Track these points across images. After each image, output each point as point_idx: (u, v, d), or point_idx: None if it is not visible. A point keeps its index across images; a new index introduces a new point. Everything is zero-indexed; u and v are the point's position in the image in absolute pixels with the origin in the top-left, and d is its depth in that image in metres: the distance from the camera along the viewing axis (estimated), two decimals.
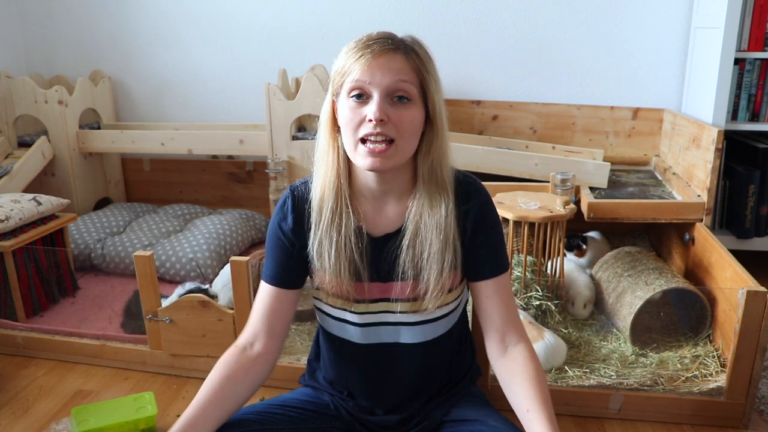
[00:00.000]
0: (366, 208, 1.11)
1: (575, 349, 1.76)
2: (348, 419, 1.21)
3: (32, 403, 1.66)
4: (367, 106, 1.00)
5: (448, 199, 1.07)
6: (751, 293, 1.42)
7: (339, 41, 1.02)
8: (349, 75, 1.01)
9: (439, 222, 1.06)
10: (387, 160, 1.01)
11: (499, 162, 2.35)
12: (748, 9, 2.20)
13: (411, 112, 1.01)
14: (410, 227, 1.07)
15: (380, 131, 0.99)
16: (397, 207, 1.11)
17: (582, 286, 1.96)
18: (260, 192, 3.01)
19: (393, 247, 1.09)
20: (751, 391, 1.50)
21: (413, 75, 1.01)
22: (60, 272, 2.19)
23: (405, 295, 1.10)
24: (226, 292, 1.94)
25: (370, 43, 1.00)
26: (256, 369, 1.11)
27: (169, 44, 3.00)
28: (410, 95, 1.01)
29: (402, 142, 1.01)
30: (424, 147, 1.06)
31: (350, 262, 1.08)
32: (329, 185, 1.08)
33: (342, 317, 1.15)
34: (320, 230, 1.08)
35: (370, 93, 1.00)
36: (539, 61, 2.73)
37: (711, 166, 2.04)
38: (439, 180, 1.07)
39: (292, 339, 1.85)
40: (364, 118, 1.00)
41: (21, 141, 2.74)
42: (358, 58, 1.00)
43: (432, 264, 1.07)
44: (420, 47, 1.04)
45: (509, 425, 1.10)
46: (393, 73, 0.99)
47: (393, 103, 1.00)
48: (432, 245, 1.06)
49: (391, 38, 1.02)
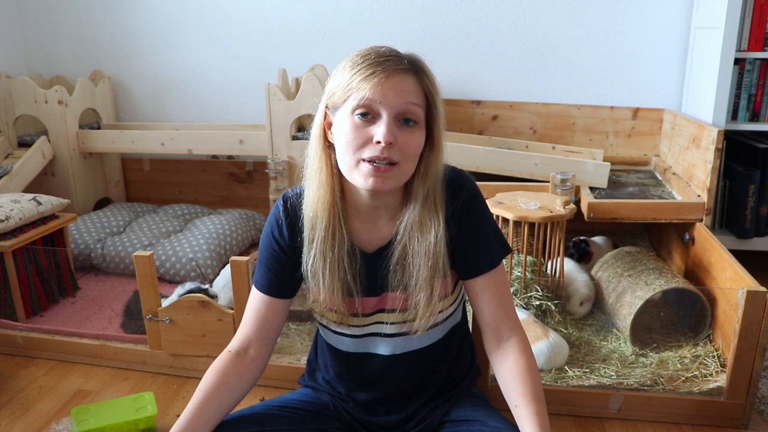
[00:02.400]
0: (359, 226, 1.10)
1: (575, 349, 1.76)
2: (348, 419, 1.21)
3: (32, 403, 1.66)
4: (375, 126, 0.97)
5: (438, 227, 1.04)
6: (751, 293, 1.42)
7: (339, 41, 1.02)
8: (356, 92, 0.96)
9: (428, 249, 1.04)
10: (389, 180, 0.98)
11: (499, 162, 2.35)
12: (748, 9, 2.20)
13: (417, 137, 1.00)
14: (399, 246, 1.06)
15: (387, 155, 0.96)
16: (389, 223, 1.09)
17: (579, 284, 1.96)
18: (260, 192, 3.01)
19: (386, 258, 1.08)
20: (751, 391, 1.50)
21: (422, 97, 0.99)
22: (60, 272, 2.19)
23: (400, 306, 1.10)
24: (226, 292, 1.94)
25: (381, 60, 0.97)
26: (250, 374, 1.13)
27: (169, 44, 3.00)
28: (417, 118, 0.99)
29: (405, 165, 0.99)
30: (422, 168, 1.04)
31: (343, 282, 1.07)
32: (322, 204, 1.05)
33: (339, 330, 1.15)
34: (314, 249, 1.06)
35: (378, 113, 0.97)
36: (539, 61, 2.73)
37: (711, 166, 2.04)
38: (432, 203, 1.05)
39: (292, 339, 1.85)
40: (370, 139, 0.97)
41: (21, 141, 2.74)
42: (368, 76, 0.96)
43: (421, 291, 1.06)
44: (426, 68, 1.01)
45: (509, 425, 1.10)
46: (405, 95, 0.97)
47: (400, 125, 0.98)
48: (420, 271, 1.05)
49: (400, 57, 0.99)
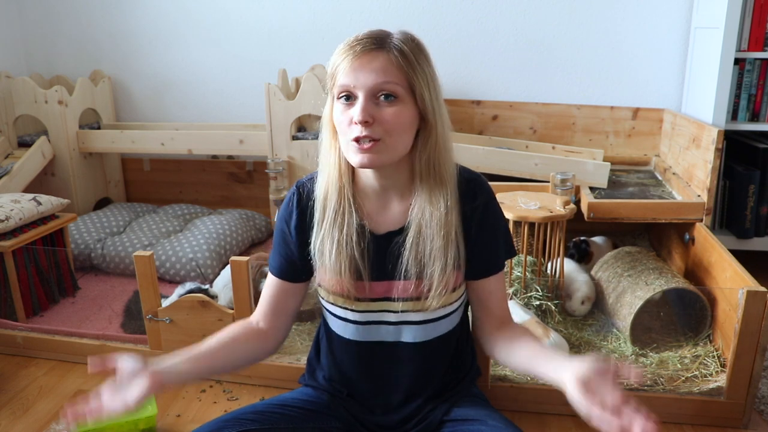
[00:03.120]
0: (370, 207, 1.12)
1: (575, 349, 1.76)
2: (348, 419, 1.21)
3: (32, 403, 1.66)
4: (353, 107, 1.00)
5: (447, 195, 1.06)
6: (751, 293, 1.42)
7: (339, 41, 1.02)
8: (336, 78, 1.01)
9: (440, 219, 1.06)
10: (375, 155, 1.00)
11: (499, 162, 2.35)
12: (748, 9, 2.20)
13: (396, 109, 1.00)
14: (413, 225, 1.07)
15: (366, 134, 0.98)
16: (400, 205, 1.11)
17: (581, 282, 1.96)
18: (260, 192, 3.01)
19: (396, 245, 1.09)
20: (751, 391, 1.50)
21: (398, 73, 0.99)
22: (60, 272, 2.19)
23: (408, 294, 1.10)
24: (226, 292, 1.94)
25: (354, 44, 1.00)
26: (258, 339, 1.17)
27: (169, 44, 3.00)
28: (396, 93, 0.99)
29: (389, 139, 1.00)
30: (419, 144, 1.06)
31: (351, 260, 1.08)
32: (332, 185, 1.08)
33: (343, 315, 1.15)
34: (323, 229, 1.09)
35: (355, 95, 1.00)
36: (539, 61, 2.73)
37: (711, 166, 2.04)
38: (437, 176, 1.06)
39: (292, 339, 1.85)
40: (351, 120, 1.00)
41: (21, 141, 2.74)
42: (342, 60, 1.00)
43: (435, 260, 1.07)
44: (408, 42, 1.01)
45: (509, 425, 1.10)
46: (375, 74, 0.98)
47: (379, 102, 0.99)
48: (434, 241, 1.06)
49: (377, 37, 1.00)
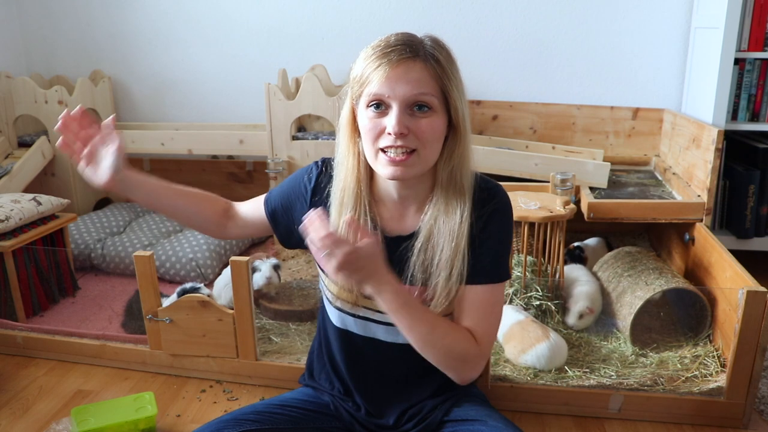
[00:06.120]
0: (386, 214, 1.11)
1: (575, 349, 1.76)
2: (348, 419, 1.21)
3: (32, 403, 1.66)
4: (387, 117, 0.98)
5: (464, 207, 1.05)
6: (751, 293, 1.42)
7: (339, 41, 1.02)
8: (367, 85, 0.98)
9: (452, 229, 1.05)
10: (409, 168, 0.99)
11: (499, 162, 2.35)
12: (748, 9, 2.19)
13: (431, 120, 0.99)
14: (424, 231, 1.07)
15: (401, 144, 0.97)
16: (417, 213, 1.10)
17: (581, 295, 1.87)
18: (260, 192, 2.94)
19: (404, 250, 1.08)
20: (751, 391, 1.50)
21: (433, 84, 0.98)
22: (60, 272, 2.19)
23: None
24: (226, 292, 1.94)
25: (388, 51, 0.97)
26: (216, 215, 1.28)
27: (169, 44, 3.00)
28: (431, 104, 0.99)
29: (424, 151, 1.00)
30: (446, 153, 1.05)
31: None
32: (349, 191, 1.07)
33: (344, 309, 1.15)
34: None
35: (389, 104, 0.98)
36: (539, 61, 2.73)
37: (711, 166, 2.04)
38: (457, 186, 1.05)
39: (292, 339, 1.85)
40: (384, 130, 0.98)
41: (21, 141, 2.74)
42: (376, 68, 0.97)
43: (441, 270, 1.06)
44: (441, 50, 1.01)
45: (509, 425, 1.10)
46: (412, 85, 0.97)
47: (413, 113, 0.98)
48: (443, 251, 1.05)
49: (410, 44, 0.99)
